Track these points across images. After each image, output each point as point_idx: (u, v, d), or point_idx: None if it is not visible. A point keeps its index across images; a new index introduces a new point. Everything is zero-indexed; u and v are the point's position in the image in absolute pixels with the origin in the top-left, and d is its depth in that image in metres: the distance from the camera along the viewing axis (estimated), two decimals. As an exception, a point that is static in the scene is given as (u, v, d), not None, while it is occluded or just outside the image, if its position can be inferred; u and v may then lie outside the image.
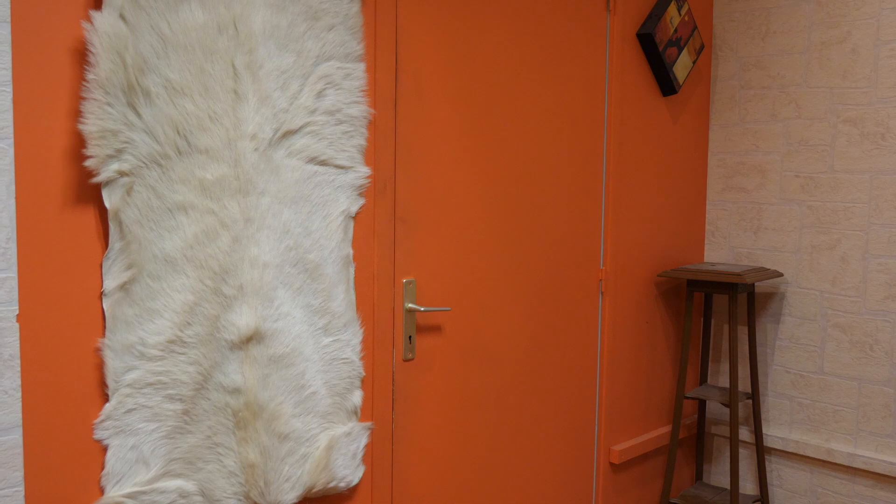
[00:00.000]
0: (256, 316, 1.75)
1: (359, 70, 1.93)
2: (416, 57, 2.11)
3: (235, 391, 1.73)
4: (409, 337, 2.14)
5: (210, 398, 1.71)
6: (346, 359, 1.97)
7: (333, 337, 1.94)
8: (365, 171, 1.98)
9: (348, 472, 1.98)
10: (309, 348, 1.87)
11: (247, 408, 1.75)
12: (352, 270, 1.99)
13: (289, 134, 1.79)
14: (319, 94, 1.84)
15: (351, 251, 1.98)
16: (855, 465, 2.87)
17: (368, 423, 2.04)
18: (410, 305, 2.14)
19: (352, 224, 1.98)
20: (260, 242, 1.75)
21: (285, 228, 1.80)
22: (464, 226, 2.28)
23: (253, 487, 1.77)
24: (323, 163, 1.87)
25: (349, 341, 1.98)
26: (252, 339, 1.74)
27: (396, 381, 2.12)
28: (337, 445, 1.94)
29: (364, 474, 2.06)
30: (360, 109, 1.94)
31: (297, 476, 1.86)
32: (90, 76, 1.51)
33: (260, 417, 1.77)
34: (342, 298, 1.95)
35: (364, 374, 2.03)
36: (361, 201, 1.99)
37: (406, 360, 2.14)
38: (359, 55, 1.93)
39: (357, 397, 2.01)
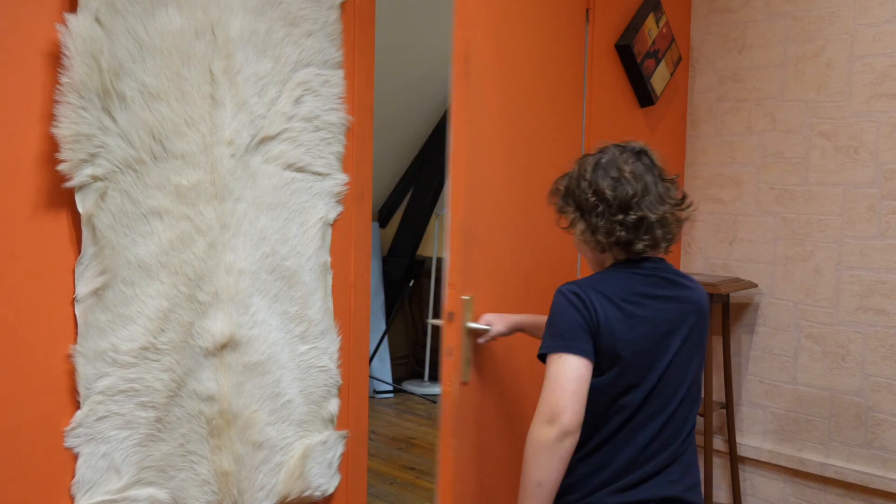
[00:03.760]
0: (231, 323, 1.73)
1: (337, 77, 1.93)
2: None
3: (209, 398, 1.71)
4: (467, 360, 2.08)
5: (184, 406, 1.69)
6: (323, 367, 1.96)
7: (310, 344, 1.92)
8: (343, 178, 1.97)
9: (323, 480, 1.96)
10: (285, 356, 1.86)
11: (221, 415, 1.73)
12: (329, 278, 1.98)
13: (266, 140, 1.78)
14: (297, 101, 1.83)
15: (329, 258, 1.97)
16: (826, 474, 2.89)
17: (345, 432, 2.03)
18: (471, 325, 2.04)
19: (330, 231, 1.97)
20: (236, 249, 1.73)
21: (262, 235, 1.79)
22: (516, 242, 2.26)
23: (226, 496, 1.75)
24: (300, 169, 1.86)
25: (326, 349, 1.96)
26: (227, 346, 1.73)
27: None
28: (312, 454, 1.92)
29: (339, 483, 2.04)
30: (338, 116, 1.94)
31: (271, 485, 1.84)
32: (64, 79, 1.50)
33: (234, 425, 1.75)
34: (319, 306, 1.94)
35: (341, 382, 2.01)
36: (339, 208, 1.98)
37: (463, 383, 2.09)
38: (337, 62, 1.92)
39: (334, 405, 1.99)
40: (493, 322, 1.97)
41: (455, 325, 1.88)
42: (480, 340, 1.98)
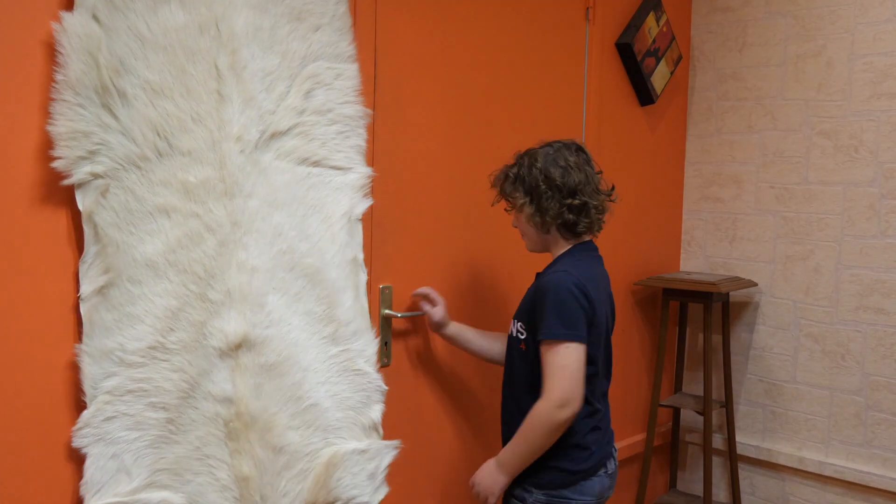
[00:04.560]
0: (245, 322, 1.68)
1: (351, 70, 1.89)
2: (395, 61, 2.09)
3: (226, 400, 1.67)
4: (385, 342, 2.11)
5: (198, 407, 1.65)
6: (359, 370, 1.88)
7: (342, 346, 1.86)
8: (366, 171, 1.93)
9: (359, 491, 1.86)
10: (309, 357, 1.79)
11: (238, 418, 1.68)
12: (363, 276, 1.92)
13: (277, 135, 1.75)
14: (308, 95, 1.79)
15: (360, 255, 1.92)
16: (826, 473, 2.90)
17: (395, 442, 1.95)
18: (387, 311, 2.11)
19: (359, 227, 1.92)
20: (248, 246, 1.69)
21: (277, 232, 1.74)
22: (441, 232, 2.26)
23: (248, 502, 1.70)
24: (316, 164, 1.82)
25: (362, 351, 1.90)
26: (241, 346, 1.68)
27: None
28: (343, 463, 1.83)
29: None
30: (354, 109, 1.89)
31: (296, 491, 1.77)
32: (59, 77, 1.48)
33: (252, 428, 1.70)
34: (349, 305, 1.87)
35: (386, 387, 1.94)
36: (368, 202, 1.94)
37: (382, 366, 2.11)
38: (349, 55, 1.89)
39: (376, 412, 1.91)
40: (438, 306, 2.13)
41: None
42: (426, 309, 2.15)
